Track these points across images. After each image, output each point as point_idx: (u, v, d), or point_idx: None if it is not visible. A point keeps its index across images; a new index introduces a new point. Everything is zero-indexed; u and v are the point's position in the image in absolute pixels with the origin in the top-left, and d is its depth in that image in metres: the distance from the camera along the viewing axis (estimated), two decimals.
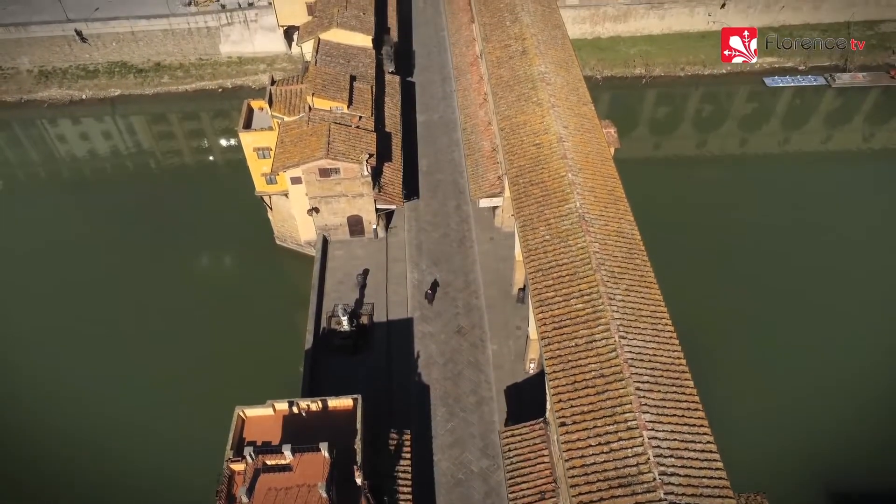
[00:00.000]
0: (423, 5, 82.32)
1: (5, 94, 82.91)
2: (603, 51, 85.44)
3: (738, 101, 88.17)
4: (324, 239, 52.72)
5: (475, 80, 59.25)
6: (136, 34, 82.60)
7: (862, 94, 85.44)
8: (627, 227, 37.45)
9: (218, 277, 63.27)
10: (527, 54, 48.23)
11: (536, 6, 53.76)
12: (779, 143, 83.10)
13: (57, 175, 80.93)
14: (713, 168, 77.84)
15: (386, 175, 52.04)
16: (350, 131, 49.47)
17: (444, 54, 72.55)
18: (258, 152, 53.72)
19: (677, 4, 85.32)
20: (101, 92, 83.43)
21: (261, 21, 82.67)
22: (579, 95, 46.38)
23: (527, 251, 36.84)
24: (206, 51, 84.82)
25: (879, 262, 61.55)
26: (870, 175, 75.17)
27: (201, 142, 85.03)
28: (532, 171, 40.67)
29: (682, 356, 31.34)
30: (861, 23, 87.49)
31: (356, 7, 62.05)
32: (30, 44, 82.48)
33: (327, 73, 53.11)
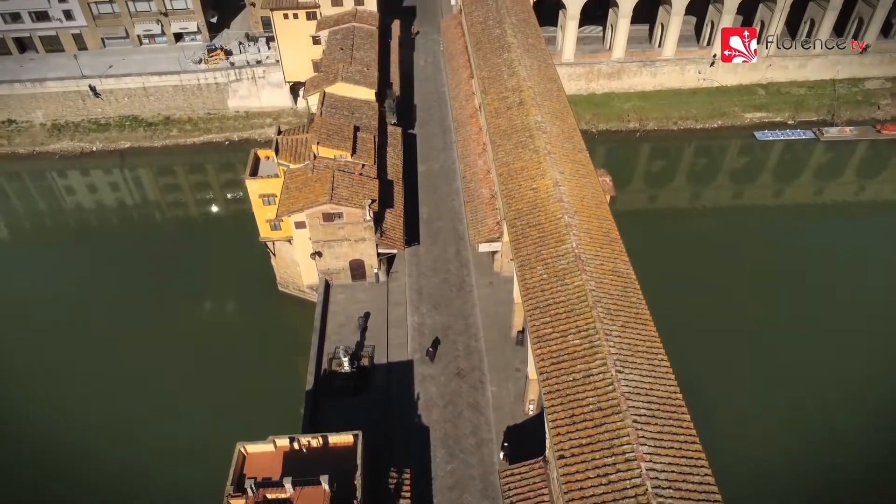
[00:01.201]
0: (424, 63, 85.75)
1: (18, 146, 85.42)
2: (598, 106, 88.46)
3: (730, 154, 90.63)
4: (326, 283, 53.66)
5: (474, 131, 61.37)
6: (147, 90, 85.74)
7: (850, 147, 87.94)
8: (622, 266, 38.47)
9: (221, 323, 63.93)
10: (524, 105, 50.36)
11: (533, 62, 56.35)
12: (772, 195, 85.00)
13: (63, 225, 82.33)
14: (708, 220, 79.25)
15: (388, 220, 53.41)
16: (353, 178, 51.12)
17: (444, 108, 75.21)
18: (263, 199, 55.32)
19: (668, 63, 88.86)
20: (112, 144, 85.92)
21: (268, 77, 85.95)
22: (574, 143, 48.21)
23: (525, 290, 37.75)
24: (215, 105, 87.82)
25: (868, 311, 62.54)
26: (860, 227, 76.65)
27: (206, 194, 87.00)
28: (529, 213, 42.00)
29: (678, 390, 31.84)
30: (846, 80, 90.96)
31: (360, 63, 64.86)
32: (45, 98, 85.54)
33: (332, 123, 55.22)
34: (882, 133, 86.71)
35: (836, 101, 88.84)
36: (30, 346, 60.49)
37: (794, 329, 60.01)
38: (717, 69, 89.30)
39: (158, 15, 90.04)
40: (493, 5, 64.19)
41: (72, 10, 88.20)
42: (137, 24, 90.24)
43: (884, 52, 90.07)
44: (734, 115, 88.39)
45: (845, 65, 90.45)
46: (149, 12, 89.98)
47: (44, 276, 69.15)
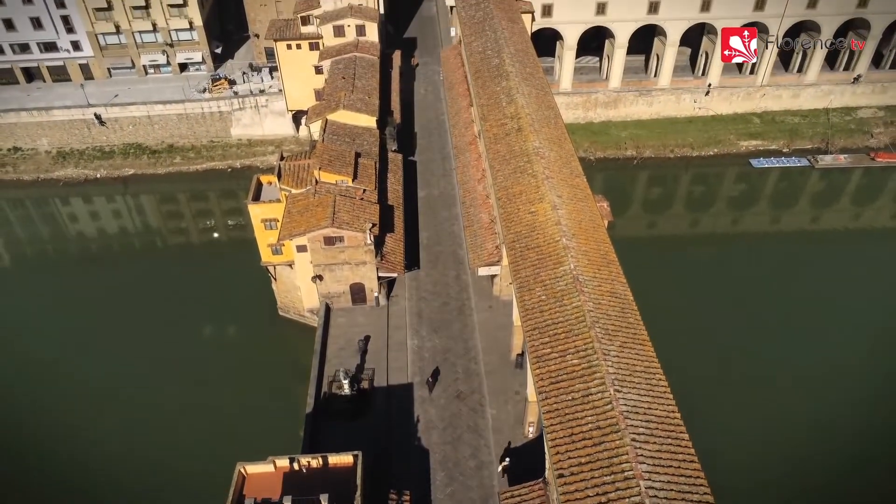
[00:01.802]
0: (425, 92, 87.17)
1: (24, 172, 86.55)
2: (595, 134, 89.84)
3: (727, 181, 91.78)
4: (326, 307, 54.02)
5: (474, 157, 62.34)
6: (152, 118, 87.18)
7: (845, 174, 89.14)
8: (620, 288, 38.89)
9: (222, 346, 64.29)
10: (522, 131, 51.33)
11: (531, 89, 57.55)
12: (769, 221, 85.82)
13: (66, 251, 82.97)
14: (706, 246, 80.00)
15: (388, 245, 54.01)
16: (354, 202, 51.87)
17: (444, 136, 76.38)
18: (265, 223, 56.04)
19: (664, 92, 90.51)
20: (116, 171, 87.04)
21: (271, 106, 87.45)
22: (572, 168, 49.05)
23: (524, 311, 38.13)
24: (218, 133, 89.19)
25: (865, 336, 63.11)
26: (857, 253, 77.30)
27: (208, 221, 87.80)
28: (528, 236, 42.58)
29: (676, 410, 31.99)
30: (839, 109, 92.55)
31: (362, 91, 66.16)
32: (50, 126, 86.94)
33: (334, 149, 56.19)
34: (876, 160, 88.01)
35: (830, 129, 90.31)
36: (31, 369, 60.73)
37: (792, 351, 60.66)
38: (712, 98, 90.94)
39: (164, 46, 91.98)
40: (492, 36, 65.72)
41: (80, 41, 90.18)
42: (143, 54, 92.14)
43: (875, 81, 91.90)
44: (730, 142, 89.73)
45: (838, 94, 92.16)
46: (155, 43, 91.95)
47: (46, 301, 69.68)
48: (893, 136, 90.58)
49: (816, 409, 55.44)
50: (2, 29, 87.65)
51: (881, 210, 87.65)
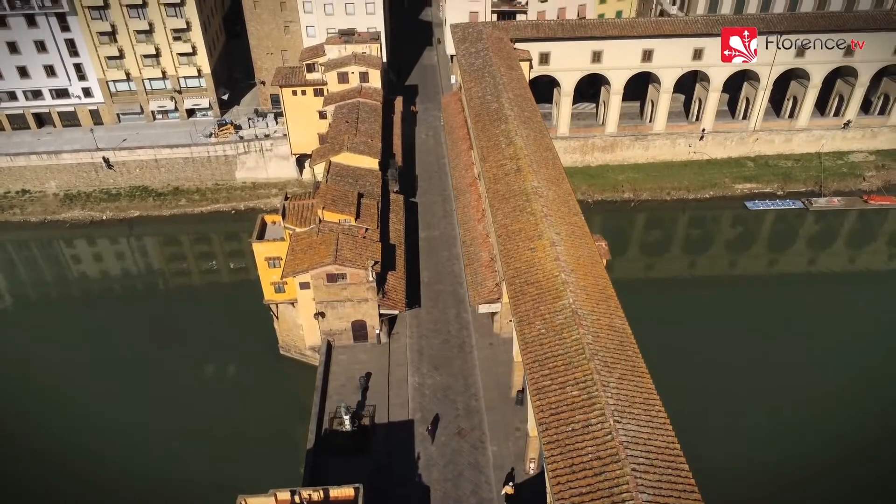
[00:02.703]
0: (426, 137, 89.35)
1: (31, 214, 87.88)
2: (593, 177, 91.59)
3: (723, 223, 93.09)
4: (328, 344, 54.42)
5: (474, 198, 63.71)
6: (158, 161, 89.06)
7: (839, 217, 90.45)
8: (618, 322, 39.54)
9: (223, 385, 64.67)
10: (521, 171, 52.76)
11: (529, 132, 59.31)
12: (766, 264, 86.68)
13: (69, 292, 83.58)
14: (703, 288, 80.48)
15: (390, 282, 54.80)
16: (357, 241, 52.88)
17: (444, 178, 78.01)
18: (269, 262, 56.93)
19: (659, 137, 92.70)
20: (121, 213, 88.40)
21: (275, 150, 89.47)
22: (570, 207, 50.26)
23: (524, 344, 38.68)
24: (223, 176, 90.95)
25: (863, 376, 63.22)
26: (853, 295, 77.89)
27: (210, 262, 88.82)
28: (527, 272, 43.43)
29: (675, 440, 32.26)
30: (831, 153, 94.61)
31: (365, 134, 68.02)
32: (59, 169, 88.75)
33: (337, 189, 57.56)
34: (869, 203, 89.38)
35: (823, 172, 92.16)
36: (33, 404, 60.82)
37: (789, 389, 61.00)
38: (707, 143, 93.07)
39: (172, 92, 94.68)
40: (492, 82, 67.96)
41: (91, 88, 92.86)
42: (152, 100, 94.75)
43: (864, 127, 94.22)
44: (725, 185, 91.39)
45: (829, 139, 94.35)
46: (164, 90, 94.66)
47: (48, 339, 70.12)
48: (885, 180, 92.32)
49: (815, 444, 55.65)
50: (16, 76, 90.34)
51: (877, 253, 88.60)
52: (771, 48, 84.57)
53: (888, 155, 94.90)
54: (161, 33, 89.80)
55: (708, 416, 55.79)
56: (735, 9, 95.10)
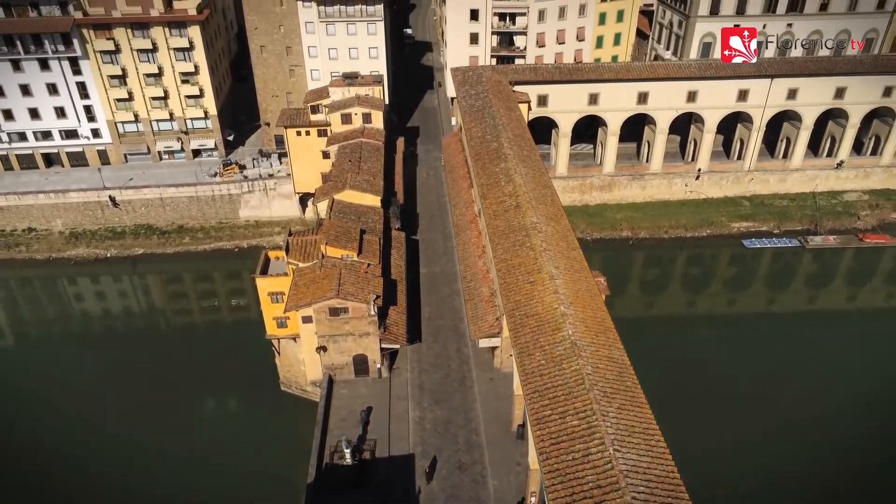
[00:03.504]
0: (427, 177, 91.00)
1: (36, 252, 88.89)
2: (592, 216, 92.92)
3: (721, 261, 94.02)
4: (329, 378, 54.67)
5: (474, 235, 64.76)
6: (164, 200, 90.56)
7: (836, 255, 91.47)
8: (617, 353, 40.08)
9: (224, 422, 64.59)
10: (520, 208, 53.94)
11: (528, 170, 60.75)
12: (765, 302, 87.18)
13: (71, 330, 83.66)
14: (703, 326, 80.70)
15: (391, 317, 55.39)
16: (359, 275, 53.68)
17: (445, 216, 79.25)
18: (272, 297, 57.61)
19: (656, 176, 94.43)
20: (126, 251, 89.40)
21: (279, 189, 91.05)
22: (568, 242, 51.26)
23: (524, 375, 39.11)
24: (227, 215, 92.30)
25: (863, 415, 63.37)
26: (852, 334, 78.24)
27: (212, 300, 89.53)
28: (527, 304, 44.12)
29: (675, 470, 32.47)
30: (825, 192, 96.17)
31: (367, 173, 69.51)
32: (66, 208, 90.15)
33: (340, 225, 58.64)
34: (864, 241, 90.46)
35: (818, 211, 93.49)
36: (32, 443, 60.57)
37: (788, 424, 61.29)
38: (703, 182, 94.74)
39: (179, 133, 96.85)
40: (491, 122, 69.80)
41: (99, 129, 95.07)
42: (159, 141, 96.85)
43: (857, 167, 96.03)
44: (722, 224, 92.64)
45: (823, 179, 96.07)
46: (171, 131, 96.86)
47: (49, 377, 70.29)
48: (880, 219, 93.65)
49: (813, 478, 55.76)
50: (27, 118, 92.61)
51: (875, 291, 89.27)
52: (763, 91, 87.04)
53: (881, 194, 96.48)
54: (170, 76, 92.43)
55: (707, 447, 55.60)
56: None
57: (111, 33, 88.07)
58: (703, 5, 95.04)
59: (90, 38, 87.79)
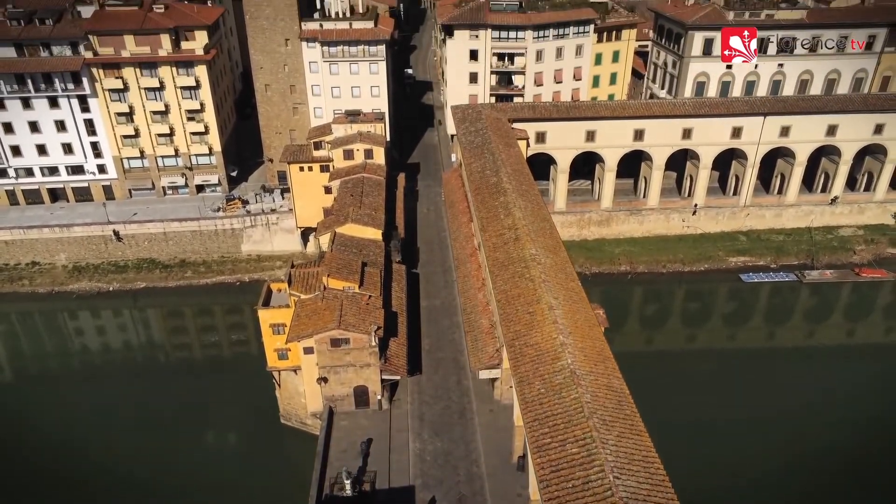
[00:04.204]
0: (427, 212, 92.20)
1: (39, 285, 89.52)
2: (590, 251, 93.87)
3: (719, 296, 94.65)
4: (330, 410, 54.77)
5: (474, 268, 65.54)
6: (167, 234, 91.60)
7: (833, 290, 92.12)
8: (616, 382, 40.47)
9: (223, 455, 64.55)
10: (519, 240, 54.88)
11: (527, 204, 61.88)
12: (764, 337, 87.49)
13: (69, 365, 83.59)
14: (702, 361, 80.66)
15: (392, 349, 55.79)
16: (360, 306, 54.27)
17: (445, 250, 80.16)
18: (274, 328, 58.10)
19: (654, 212, 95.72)
20: (128, 284, 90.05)
21: (281, 224, 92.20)
22: (567, 274, 52.03)
23: (524, 403, 39.43)
24: (229, 249, 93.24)
25: (863, 452, 63.09)
26: (852, 369, 78.41)
27: (213, 335, 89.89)
28: (527, 334, 44.66)
29: (675, 497, 32.63)
30: (821, 228, 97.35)
31: (369, 207, 70.64)
32: (70, 242, 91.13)
33: (341, 258, 59.47)
34: (861, 276, 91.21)
35: (814, 246, 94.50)
36: (32, 479, 60.36)
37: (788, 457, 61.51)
38: (699, 217, 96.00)
39: (184, 169, 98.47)
40: (490, 158, 71.26)
41: (105, 165, 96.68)
42: (164, 176, 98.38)
43: (852, 202, 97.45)
44: (719, 258, 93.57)
45: (818, 214, 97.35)
46: (175, 167, 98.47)
47: (49, 412, 70.41)
48: (875, 253, 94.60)
49: None
50: (35, 154, 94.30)
51: (873, 326, 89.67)
52: (756, 128, 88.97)
53: (876, 230, 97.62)
54: (176, 114, 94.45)
55: (706, 479, 55.67)
56: (720, 92, 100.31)
57: (120, 72, 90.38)
58: (696, 46, 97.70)
59: (99, 76, 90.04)
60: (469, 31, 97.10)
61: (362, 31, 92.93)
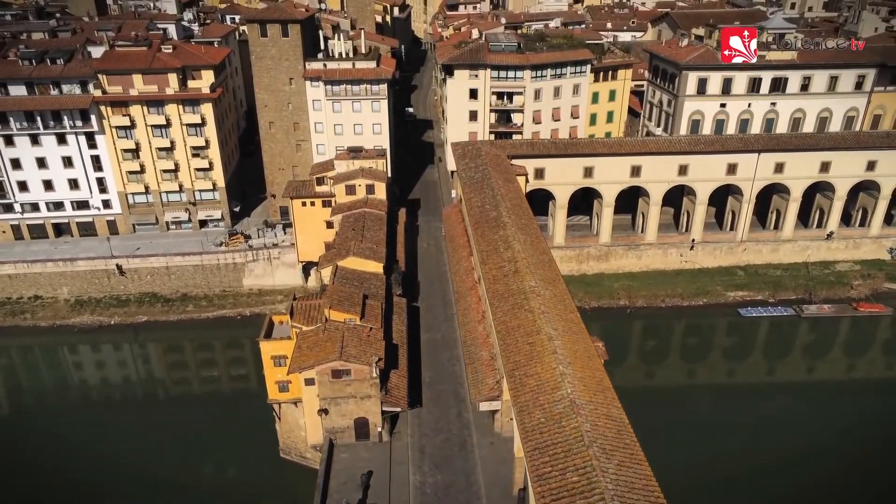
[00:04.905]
0: (427, 246, 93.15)
1: (41, 319, 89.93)
2: (589, 285, 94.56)
3: (719, 331, 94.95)
4: (330, 442, 54.75)
5: (474, 301, 66.17)
6: (169, 268, 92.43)
7: (832, 324, 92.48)
8: (616, 412, 40.73)
9: (222, 490, 63.85)
10: (519, 273, 55.64)
11: (526, 237, 62.84)
12: (764, 372, 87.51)
13: (67, 399, 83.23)
14: (703, 396, 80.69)
15: (392, 380, 56.06)
16: (361, 338, 54.74)
17: (445, 285, 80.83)
18: (275, 360, 58.44)
19: (651, 247, 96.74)
20: (129, 318, 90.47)
21: (282, 258, 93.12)
22: (566, 305, 52.65)
23: (524, 433, 39.65)
24: (231, 283, 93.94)
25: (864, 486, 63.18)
26: (853, 404, 78.13)
27: (212, 372, 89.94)
28: (526, 365, 45.06)
29: None
30: (817, 263, 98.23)
31: (370, 241, 71.63)
32: (72, 276, 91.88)
33: (343, 290, 60.18)
34: (859, 311, 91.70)
35: (811, 281, 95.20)
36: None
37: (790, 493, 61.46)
38: (697, 252, 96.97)
39: (187, 204, 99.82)
40: (490, 193, 72.52)
41: (110, 200, 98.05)
42: (168, 212, 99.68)
43: (847, 238, 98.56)
44: (718, 293, 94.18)
45: (815, 249, 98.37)
46: (179, 202, 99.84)
47: (47, 447, 69.95)
48: (872, 288, 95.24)
49: None
50: (41, 189, 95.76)
51: (873, 362, 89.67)
52: (751, 164, 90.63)
53: (873, 265, 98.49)
54: (181, 150, 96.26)
55: None
56: (715, 130, 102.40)
57: (127, 110, 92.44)
58: (691, 86, 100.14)
59: (107, 114, 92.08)
60: (469, 70, 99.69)
61: (365, 70, 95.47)
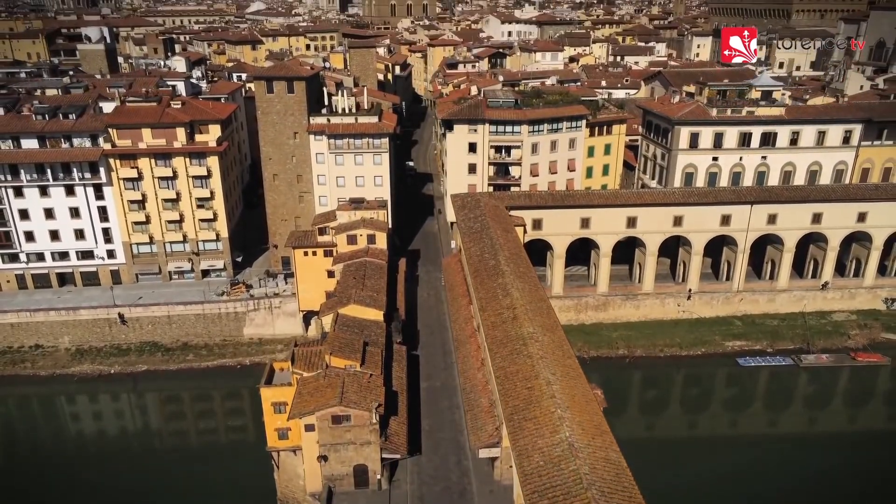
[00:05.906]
0: (427, 296, 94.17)
1: (41, 368, 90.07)
2: (588, 335, 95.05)
3: (718, 381, 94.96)
4: (329, 490, 54.48)
5: (473, 349, 66.79)
6: (171, 318, 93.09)
7: (831, 374, 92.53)
8: (614, 455, 41.07)
9: None
10: (517, 319, 56.57)
11: (524, 285, 64.00)
12: (765, 424, 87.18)
13: (64, 452, 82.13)
14: (702, 447, 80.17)
15: (392, 427, 56.21)
16: (362, 384, 55.21)
17: (445, 333, 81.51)
18: (275, 407, 58.59)
19: (649, 297, 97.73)
20: (129, 367, 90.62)
21: (283, 307, 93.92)
22: (564, 351, 53.40)
23: (523, 476, 39.88)
24: (231, 332, 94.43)
25: None
26: (854, 455, 77.67)
27: (210, 422, 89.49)
28: (525, 409, 45.55)
29: None
30: (814, 312, 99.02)
31: (371, 289, 72.76)
32: (74, 325, 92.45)
33: (343, 337, 60.95)
34: (857, 360, 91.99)
35: (808, 331, 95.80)
36: None
37: None
38: (694, 302, 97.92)
39: (191, 254, 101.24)
40: (489, 242, 74.08)
41: (115, 250, 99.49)
42: (171, 261, 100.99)
43: (842, 288, 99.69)
44: (716, 343, 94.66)
45: (811, 299, 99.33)
46: (182, 252, 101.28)
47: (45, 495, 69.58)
48: (869, 338, 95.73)
49: None
50: (48, 239, 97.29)
51: (874, 412, 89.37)
52: (744, 216, 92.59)
53: (869, 314, 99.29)
54: (186, 201, 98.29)
55: None
56: (708, 182, 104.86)
57: (135, 162, 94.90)
58: (683, 140, 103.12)
59: (116, 166, 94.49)
60: (468, 125, 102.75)
61: (367, 125, 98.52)
